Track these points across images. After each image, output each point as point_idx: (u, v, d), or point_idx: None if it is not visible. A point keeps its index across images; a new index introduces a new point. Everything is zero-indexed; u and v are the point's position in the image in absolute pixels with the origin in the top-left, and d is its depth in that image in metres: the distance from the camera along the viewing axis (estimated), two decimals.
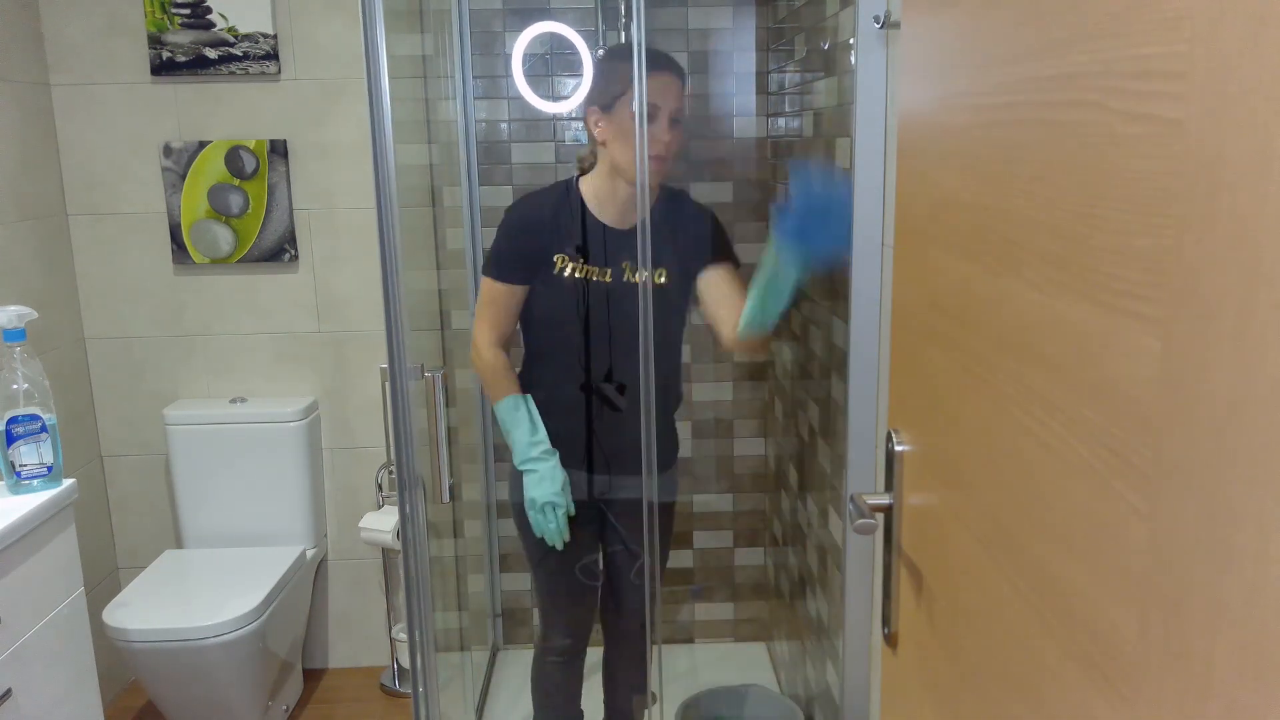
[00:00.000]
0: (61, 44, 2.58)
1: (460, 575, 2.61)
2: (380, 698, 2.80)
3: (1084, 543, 0.66)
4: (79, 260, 2.69)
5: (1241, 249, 0.49)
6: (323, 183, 2.66)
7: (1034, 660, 0.74)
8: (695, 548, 2.93)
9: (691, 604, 2.96)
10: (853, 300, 1.60)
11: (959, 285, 0.90)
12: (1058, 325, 0.69)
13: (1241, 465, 0.49)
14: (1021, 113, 0.75)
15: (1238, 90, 0.49)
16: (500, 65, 2.66)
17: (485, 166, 2.71)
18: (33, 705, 1.77)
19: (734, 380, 2.83)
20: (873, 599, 1.69)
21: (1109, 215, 0.62)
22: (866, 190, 1.55)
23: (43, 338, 2.53)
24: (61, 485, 1.89)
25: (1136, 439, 0.59)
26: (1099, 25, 0.63)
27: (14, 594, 1.73)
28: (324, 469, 2.82)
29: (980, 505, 0.85)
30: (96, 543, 2.75)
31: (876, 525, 1.08)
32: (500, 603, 2.97)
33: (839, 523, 1.93)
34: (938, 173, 0.95)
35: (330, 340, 2.74)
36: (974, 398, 0.86)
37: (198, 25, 2.55)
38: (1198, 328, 0.52)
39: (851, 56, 1.61)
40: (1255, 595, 0.48)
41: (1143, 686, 0.59)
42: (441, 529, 2.45)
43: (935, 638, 0.99)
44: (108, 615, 2.29)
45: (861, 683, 1.72)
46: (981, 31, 0.83)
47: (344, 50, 2.59)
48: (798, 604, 2.45)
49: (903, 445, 1.09)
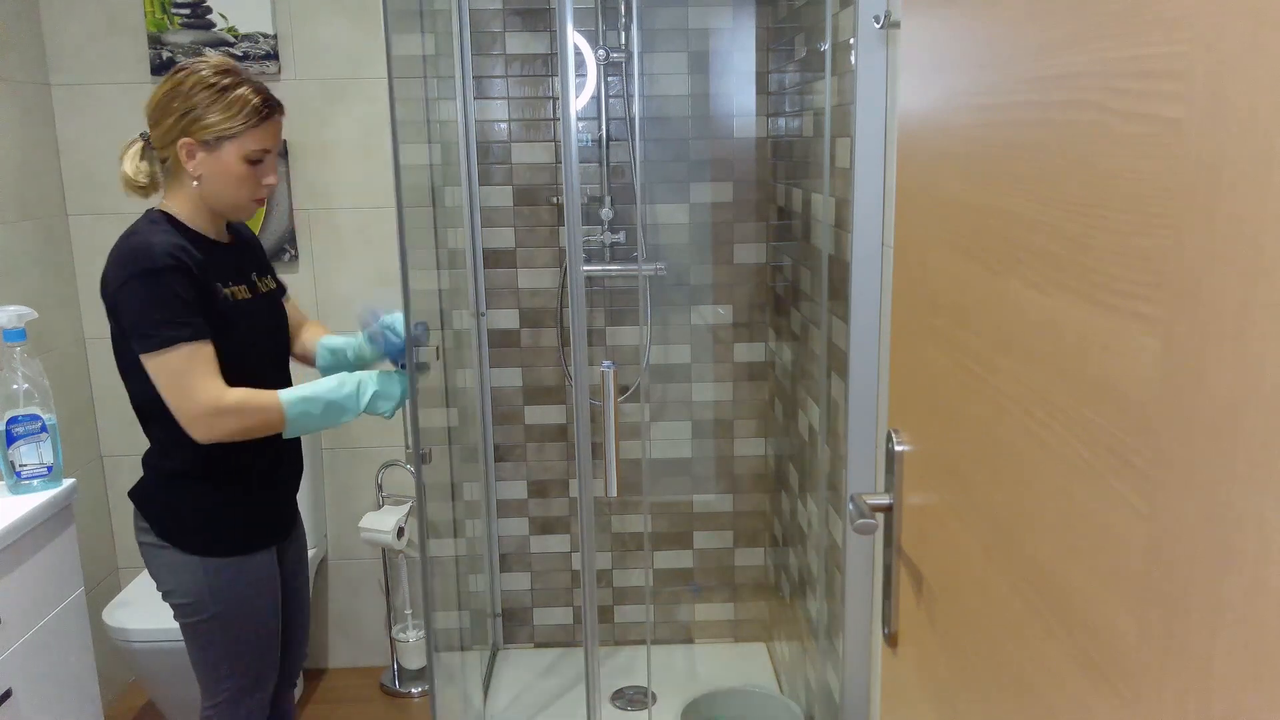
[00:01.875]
0: (61, 44, 2.58)
1: (460, 575, 2.61)
2: (380, 698, 2.80)
3: (1084, 543, 0.66)
4: (79, 260, 2.69)
5: (1241, 249, 0.48)
6: (323, 183, 2.66)
7: (1034, 660, 0.74)
8: (695, 548, 2.93)
9: (692, 604, 2.96)
10: (853, 300, 1.60)
11: (959, 285, 0.90)
12: (1058, 325, 0.69)
13: (1241, 465, 0.49)
14: (1021, 113, 0.75)
15: (1238, 90, 0.49)
16: (500, 65, 2.66)
17: (485, 166, 2.71)
18: (33, 705, 1.77)
19: (734, 380, 2.83)
20: (873, 599, 1.69)
21: (1109, 215, 0.62)
22: (866, 190, 1.55)
23: (43, 338, 2.53)
24: (62, 485, 1.89)
25: (1136, 439, 0.59)
26: (1099, 25, 0.63)
27: (14, 594, 1.73)
28: (324, 469, 2.81)
29: (980, 505, 0.85)
30: (96, 543, 2.74)
31: (876, 525, 1.08)
32: (500, 603, 2.97)
33: (839, 523, 1.93)
34: (938, 173, 0.95)
35: None
36: (974, 398, 0.86)
37: (198, 25, 2.55)
38: (1198, 328, 0.52)
39: (851, 56, 1.61)
40: (1255, 595, 0.48)
41: (1143, 686, 0.58)
42: (441, 529, 2.45)
43: (935, 638, 0.99)
44: (108, 615, 2.29)
45: (861, 683, 1.72)
46: (981, 31, 0.83)
47: (344, 50, 2.59)
48: (798, 604, 2.45)
49: (903, 445, 1.09)
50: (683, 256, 2.77)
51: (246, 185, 1.64)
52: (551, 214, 2.73)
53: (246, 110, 1.59)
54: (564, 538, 2.92)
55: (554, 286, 2.77)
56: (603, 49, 2.61)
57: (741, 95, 2.67)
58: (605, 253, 2.73)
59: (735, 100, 2.67)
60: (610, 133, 2.68)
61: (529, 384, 2.83)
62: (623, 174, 2.71)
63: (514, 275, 2.77)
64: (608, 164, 2.68)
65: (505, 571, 2.94)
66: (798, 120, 2.28)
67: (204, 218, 1.68)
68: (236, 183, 1.63)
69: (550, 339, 2.80)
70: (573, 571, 2.95)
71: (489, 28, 2.64)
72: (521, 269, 2.76)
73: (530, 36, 2.65)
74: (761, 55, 2.65)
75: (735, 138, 2.69)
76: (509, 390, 2.83)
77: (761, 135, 2.69)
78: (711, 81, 2.67)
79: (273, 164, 1.67)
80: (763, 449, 2.86)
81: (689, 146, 2.70)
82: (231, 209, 1.67)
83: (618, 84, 2.66)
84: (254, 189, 1.65)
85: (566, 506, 2.91)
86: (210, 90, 1.58)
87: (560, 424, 2.85)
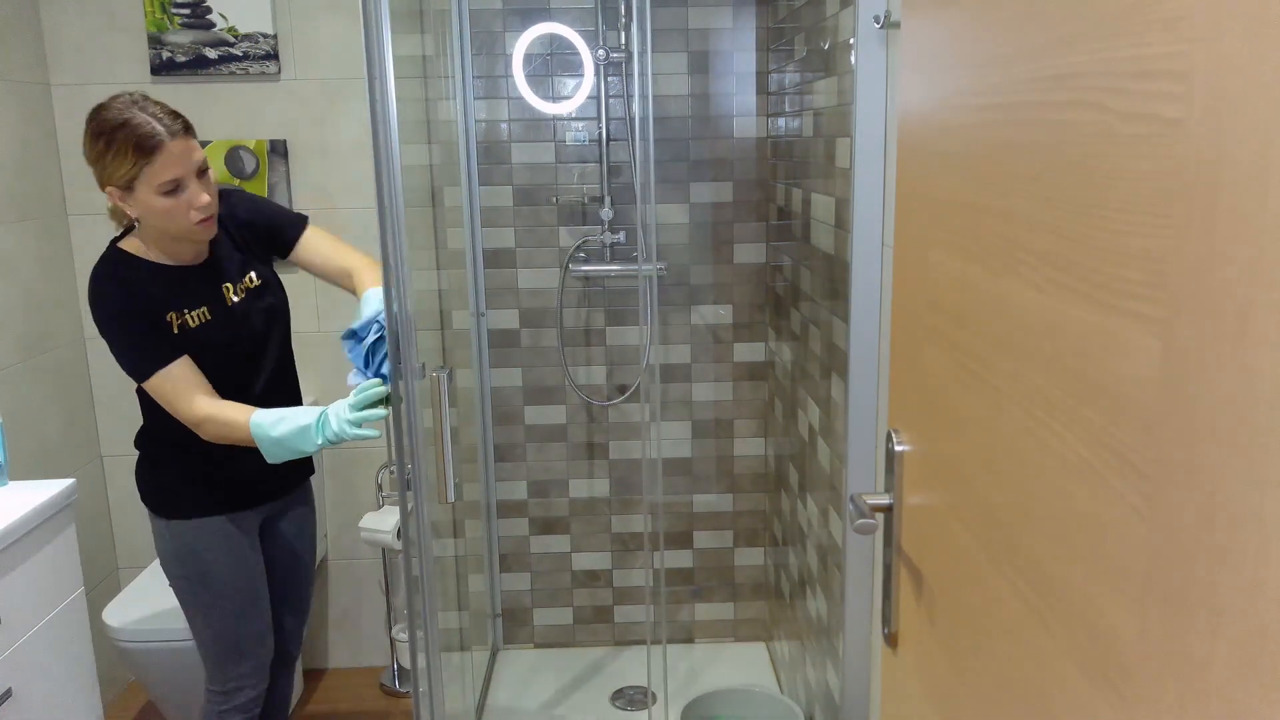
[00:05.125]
0: (61, 44, 2.58)
1: (460, 575, 2.61)
2: (380, 698, 2.80)
3: (1084, 543, 0.66)
4: (79, 260, 2.69)
5: (1241, 249, 0.48)
6: (323, 183, 2.66)
7: (1034, 660, 0.74)
8: (695, 548, 2.93)
9: (692, 604, 2.96)
10: (853, 300, 1.60)
11: (959, 285, 0.90)
12: (1058, 325, 0.69)
13: (1241, 465, 0.49)
14: (1021, 113, 0.75)
15: (1238, 90, 0.49)
16: (500, 65, 2.66)
17: (485, 166, 2.71)
18: (33, 705, 1.77)
19: (734, 380, 2.83)
20: (873, 599, 1.69)
21: (1109, 215, 0.62)
22: (866, 190, 1.55)
23: (43, 338, 2.53)
24: (6, 485, 1.91)
25: (1136, 439, 0.59)
26: (1099, 25, 0.63)
27: (14, 594, 1.73)
28: (324, 469, 2.81)
29: (980, 505, 0.85)
30: (96, 543, 2.74)
31: (876, 525, 1.08)
32: (500, 603, 2.97)
33: (839, 523, 1.93)
34: (938, 173, 0.95)
35: (330, 340, 2.74)
36: (974, 398, 0.86)
37: (198, 25, 2.55)
38: (1198, 328, 0.52)
39: (851, 56, 1.61)
40: (1254, 595, 0.48)
41: (1143, 686, 0.58)
42: (441, 529, 2.45)
43: (935, 638, 0.99)
44: (108, 615, 2.29)
45: (861, 683, 1.72)
46: (981, 31, 0.83)
47: (344, 50, 2.59)
48: (798, 604, 2.45)
49: (903, 445, 1.09)
50: (683, 256, 2.77)
51: (176, 216, 1.65)
52: (551, 214, 2.73)
53: (131, 150, 1.59)
54: (564, 538, 2.92)
55: (554, 287, 2.77)
56: (603, 49, 2.61)
57: (741, 95, 2.67)
58: (605, 253, 2.73)
59: (735, 100, 2.67)
60: (610, 133, 2.68)
61: (529, 384, 2.83)
62: (622, 174, 2.71)
63: (514, 275, 2.77)
64: (608, 164, 2.68)
65: (505, 571, 2.94)
66: (798, 120, 2.28)
67: (164, 246, 1.74)
68: (164, 216, 1.65)
69: (550, 339, 2.80)
70: (573, 571, 2.95)
71: (489, 27, 2.64)
72: (521, 269, 2.76)
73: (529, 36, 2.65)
74: (761, 55, 2.65)
75: (735, 138, 2.69)
76: (509, 390, 2.83)
77: (761, 135, 2.69)
78: (711, 81, 2.67)
79: (199, 187, 1.66)
80: (763, 449, 2.86)
81: (689, 146, 2.70)
82: (180, 236, 1.71)
83: (618, 84, 2.66)
84: (181, 217, 1.66)
85: (566, 507, 2.91)
86: (99, 139, 1.62)
87: (560, 424, 2.85)
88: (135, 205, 1.65)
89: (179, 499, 1.83)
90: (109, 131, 1.60)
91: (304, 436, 1.69)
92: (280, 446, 1.70)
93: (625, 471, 2.88)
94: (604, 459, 2.88)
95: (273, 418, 1.70)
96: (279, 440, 1.70)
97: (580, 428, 2.86)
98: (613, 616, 2.98)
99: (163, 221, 1.66)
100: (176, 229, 1.68)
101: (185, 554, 1.83)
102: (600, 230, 2.70)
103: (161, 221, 1.67)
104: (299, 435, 1.69)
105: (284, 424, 1.70)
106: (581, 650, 2.98)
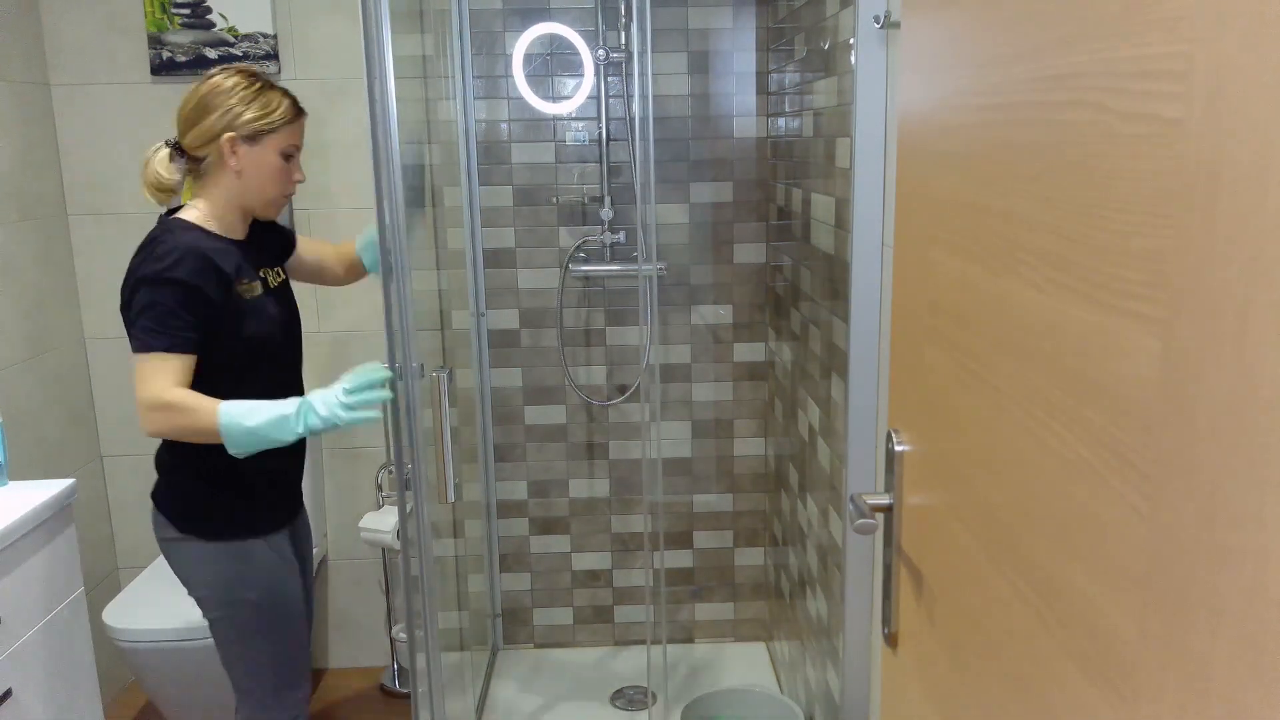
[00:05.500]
0: (61, 44, 2.58)
1: (460, 575, 2.61)
2: (380, 698, 2.80)
3: (1084, 543, 0.66)
4: (79, 260, 2.69)
5: (1241, 249, 0.49)
6: (323, 183, 2.66)
7: (1034, 660, 0.74)
8: (695, 548, 2.93)
9: (692, 605, 2.96)
10: (853, 300, 1.60)
11: (959, 285, 0.90)
12: (1058, 325, 0.69)
13: (1241, 465, 0.49)
14: (1021, 113, 0.75)
15: (1238, 90, 0.49)
16: (500, 65, 2.66)
17: (485, 166, 2.71)
18: (33, 705, 1.77)
19: (734, 380, 2.83)
20: (873, 599, 1.69)
21: (1109, 215, 0.62)
22: (866, 190, 1.55)
23: (43, 338, 2.53)
24: (6, 485, 1.90)
25: (1136, 439, 0.59)
26: (1099, 25, 0.63)
27: (14, 594, 1.73)
28: (323, 469, 2.81)
29: (980, 505, 0.85)
30: (96, 543, 2.75)
31: (876, 525, 1.08)
32: (500, 603, 2.97)
33: (839, 523, 1.93)
34: (938, 172, 0.95)
35: (330, 340, 2.74)
36: (974, 398, 0.86)
37: (198, 25, 2.55)
38: (1198, 328, 0.52)
39: (851, 56, 1.61)
40: (1254, 595, 0.48)
41: (1143, 686, 0.59)
42: (441, 529, 2.45)
43: (935, 638, 0.99)
44: (108, 615, 2.29)
45: (861, 683, 1.72)
46: (981, 31, 0.83)
47: (344, 50, 2.59)
48: (798, 604, 2.45)
49: (903, 445, 1.09)
50: (683, 256, 2.77)
51: (280, 179, 1.76)
52: (551, 214, 2.73)
53: (283, 108, 1.73)
54: (564, 538, 2.92)
55: (554, 287, 2.77)
56: (602, 49, 2.61)
57: (741, 95, 2.67)
58: (605, 253, 2.73)
59: (735, 100, 2.67)
60: (610, 133, 2.68)
61: (529, 384, 2.83)
62: (622, 174, 2.71)
63: (514, 275, 2.77)
64: (608, 164, 2.68)
65: (505, 571, 2.94)
66: (798, 120, 2.28)
67: (231, 218, 1.77)
68: (273, 176, 1.75)
69: (550, 339, 2.80)
70: (573, 571, 2.95)
71: (489, 27, 2.64)
72: (521, 269, 2.76)
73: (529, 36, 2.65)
74: (761, 55, 2.65)
75: (735, 138, 2.69)
76: (509, 390, 2.83)
77: (761, 135, 2.69)
78: (711, 81, 2.67)
79: (298, 163, 1.80)
80: (763, 449, 2.86)
81: (689, 146, 2.70)
82: (264, 204, 1.78)
83: (618, 84, 2.66)
84: (286, 184, 1.78)
85: (566, 507, 2.91)
86: (249, 89, 1.71)
87: (560, 424, 2.85)
88: (251, 157, 1.71)
89: (232, 516, 1.76)
90: (263, 87, 1.72)
91: (281, 426, 1.64)
92: (253, 437, 1.64)
93: (625, 471, 2.88)
94: (604, 459, 2.88)
95: (244, 408, 1.64)
96: (252, 430, 1.63)
97: (580, 428, 2.86)
98: (613, 616, 2.98)
99: (268, 182, 1.74)
100: (270, 193, 1.76)
101: (245, 574, 1.76)
102: (600, 230, 2.70)
103: (267, 181, 1.74)
104: (275, 425, 1.64)
105: (258, 414, 1.64)
106: (581, 650, 2.98)
